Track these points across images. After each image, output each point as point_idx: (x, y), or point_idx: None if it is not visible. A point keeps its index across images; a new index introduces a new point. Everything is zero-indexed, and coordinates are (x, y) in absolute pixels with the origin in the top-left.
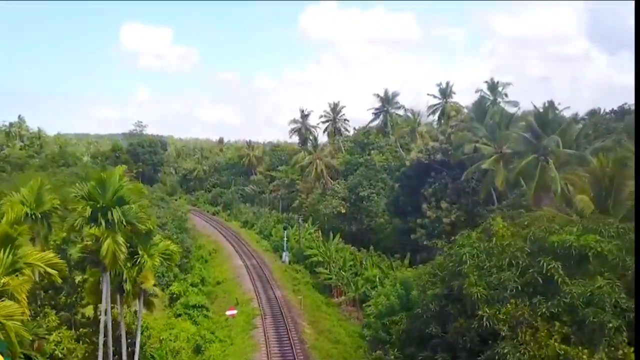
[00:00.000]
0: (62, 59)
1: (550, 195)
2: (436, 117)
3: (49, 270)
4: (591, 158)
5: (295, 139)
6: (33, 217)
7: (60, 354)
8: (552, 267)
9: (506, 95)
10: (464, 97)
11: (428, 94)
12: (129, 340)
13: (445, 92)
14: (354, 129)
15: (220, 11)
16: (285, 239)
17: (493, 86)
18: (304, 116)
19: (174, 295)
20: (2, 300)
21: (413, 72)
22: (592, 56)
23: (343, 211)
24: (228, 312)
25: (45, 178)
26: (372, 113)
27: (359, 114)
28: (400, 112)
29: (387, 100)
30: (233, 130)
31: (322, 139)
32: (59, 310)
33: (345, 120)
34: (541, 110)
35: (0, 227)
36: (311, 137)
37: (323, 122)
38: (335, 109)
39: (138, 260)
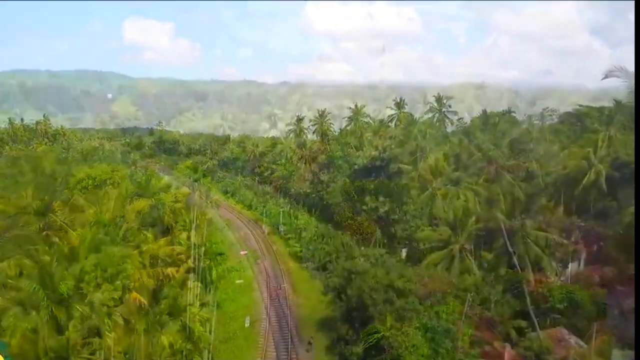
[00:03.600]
0: (63, 56)
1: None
2: (393, 124)
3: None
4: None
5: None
6: None
7: None
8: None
9: (450, 106)
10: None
11: (387, 107)
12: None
13: (400, 105)
14: (340, 128)
15: (222, 7)
16: (281, 216)
17: (439, 99)
18: (299, 120)
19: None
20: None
21: (414, 64)
22: (594, 50)
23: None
24: (242, 252)
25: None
26: (346, 121)
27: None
28: (366, 119)
29: (357, 112)
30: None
31: (313, 137)
32: None
33: (331, 123)
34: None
35: (163, 181)
36: (304, 138)
37: (313, 125)
38: (322, 114)
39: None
